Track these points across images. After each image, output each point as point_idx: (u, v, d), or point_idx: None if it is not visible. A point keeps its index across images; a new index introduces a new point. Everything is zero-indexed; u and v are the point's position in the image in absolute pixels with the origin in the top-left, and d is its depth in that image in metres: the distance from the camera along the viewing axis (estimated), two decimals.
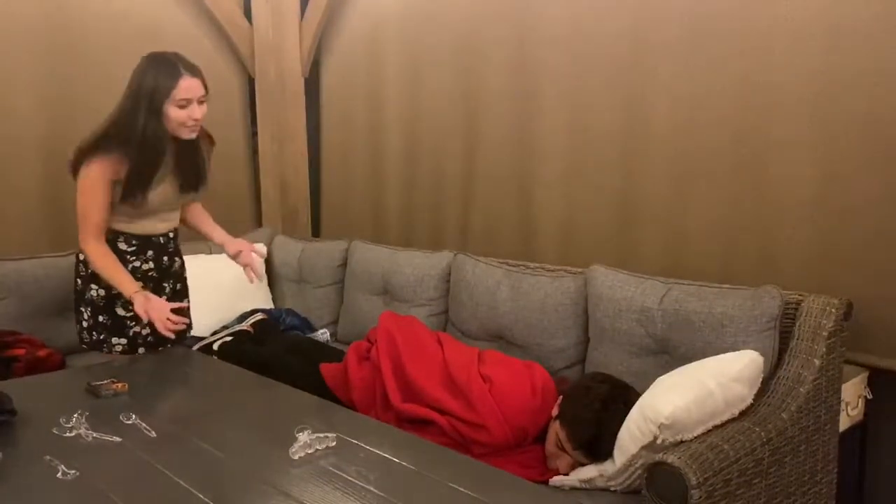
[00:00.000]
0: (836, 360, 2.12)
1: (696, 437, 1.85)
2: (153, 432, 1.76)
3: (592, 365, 2.47)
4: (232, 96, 3.93)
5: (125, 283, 2.29)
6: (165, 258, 2.50)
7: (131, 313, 2.35)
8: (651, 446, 1.85)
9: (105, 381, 2.05)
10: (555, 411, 2.12)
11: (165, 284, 2.52)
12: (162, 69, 2.25)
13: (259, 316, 3.25)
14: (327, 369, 2.52)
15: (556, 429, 2.08)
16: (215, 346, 3.00)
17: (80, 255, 2.42)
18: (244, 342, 3.01)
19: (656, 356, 2.31)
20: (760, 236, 2.43)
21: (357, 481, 1.51)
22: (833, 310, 2.10)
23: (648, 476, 1.73)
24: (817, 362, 2.06)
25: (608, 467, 1.97)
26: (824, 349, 2.07)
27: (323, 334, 3.33)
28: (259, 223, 4.06)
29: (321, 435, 1.66)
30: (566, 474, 2.04)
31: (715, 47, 2.46)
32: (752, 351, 2.02)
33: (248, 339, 3.07)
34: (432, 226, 3.45)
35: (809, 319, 2.11)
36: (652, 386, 2.00)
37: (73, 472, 1.54)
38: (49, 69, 3.29)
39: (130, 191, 2.30)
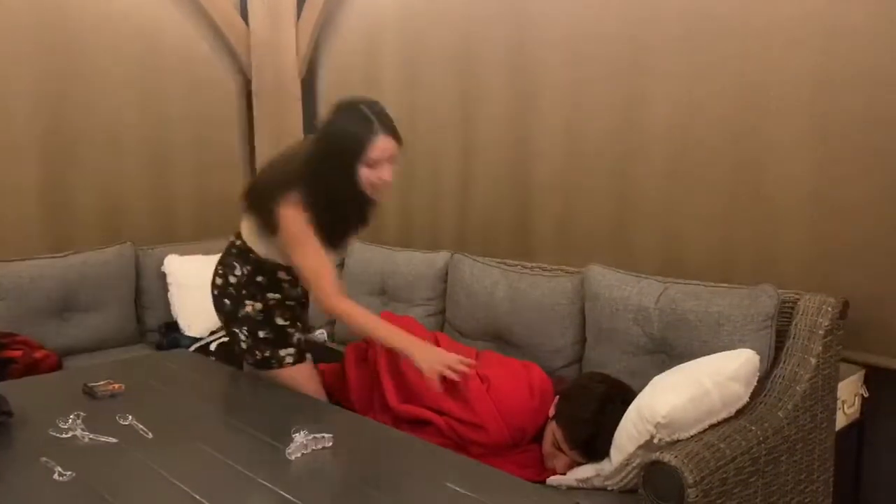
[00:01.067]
0: (833, 358, 2.12)
1: (692, 436, 1.85)
2: (150, 433, 1.76)
3: (590, 364, 2.48)
4: (228, 97, 3.93)
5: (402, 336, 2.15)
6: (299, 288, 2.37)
7: (289, 321, 2.31)
8: (648, 445, 1.85)
9: (101, 383, 2.05)
10: (551, 411, 2.12)
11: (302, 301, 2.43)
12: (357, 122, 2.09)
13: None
14: (325, 370, 2.52)
15: (552, 429, 2.08)
16: (212, 347, 3.00)
17: (231, 277, 2.29)
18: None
19: (653, 355, 2.31)
20: (757, 235, 2.43)
21: (353, 481, 1.51)
22: (829, 308, 2.10)
23: (645, 475, 1.73)
24: (814, 361, 2.06)
25: (605, 467, 1.97)
26: (821, 348, 2.07)
27: (320, 335, 3.33)
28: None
29: (317, 435, 1.66)
30: (563, 474, 2.05)
31: (712, 47, 2.46)
32: (747, 350, 2.03)
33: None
34: (430, 226, 3.45)
35: (806, 318, 2.11)
36: (648, 385, 2.00)
37: (70, 473, 1.54)
38: (46, 69, 3.29)
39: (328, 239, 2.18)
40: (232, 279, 2.29)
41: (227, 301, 2.31)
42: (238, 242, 2.31)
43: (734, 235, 2.48)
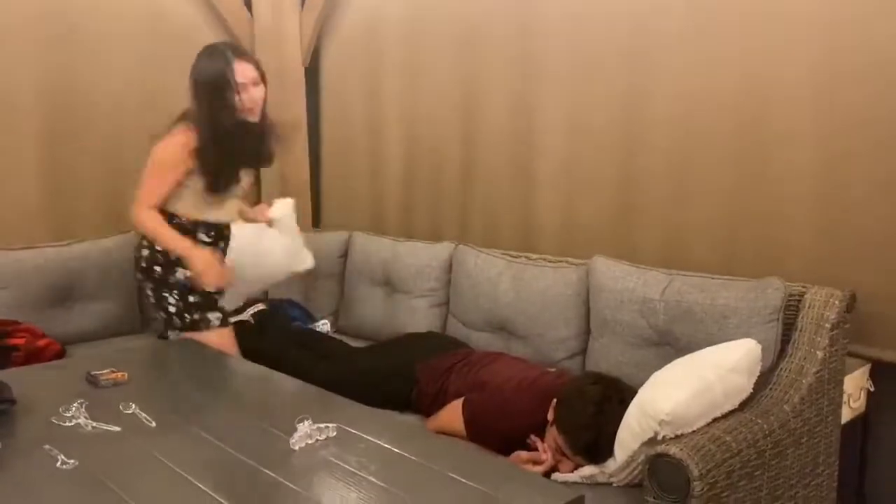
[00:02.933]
0: (839, 352, 2.11)
1: (696, 430, 1.84)
2: (153, 422, 1.75)
3: (593, 356, 2.47)
4: None
5: (178, 240, 2.48)
6: (222, 243, 2.67)
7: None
8: (652, 442, 1.84)
9: (104, 371, 2.05)
10: (551, 415, 2.10)
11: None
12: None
13: (260, 306, 3.25)
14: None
15: (553, 435, 2.06)
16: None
17: (145, 241, 2.55)
18: (245, 332, 3.00)
19: (658, 348, 2.30)
20: (762, 228, 2.42)
21: (357, 471, 1.51)
22: (836, 302, 2.09)
23: (650, 468, 1.73)
24: (820, 354, 2.05)
25: (610, 464, 1.96)
26: (827, 341, 2.06)
27: (323, 325, 3.32)
28: None
29: (322, 425, 1.65)
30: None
31: (716, 39, 2.44)
32: (749, 339, 2.01)
33: (250, 329, 3.06)
34: (433, 217, 3.43)
35: (813, 311, 2.10)
36: (650, 380, 1.99)
37: (73, 461, 1.53)
38: (48, 57, 3.27)
39: (216, 181, 2.48)
40: (158, 246, 2.51)
41: (157, 268, 2.52)
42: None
43: (739, 227, 2.46)
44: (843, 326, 2.10)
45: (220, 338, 2.54)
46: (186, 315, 2.52)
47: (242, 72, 2.39)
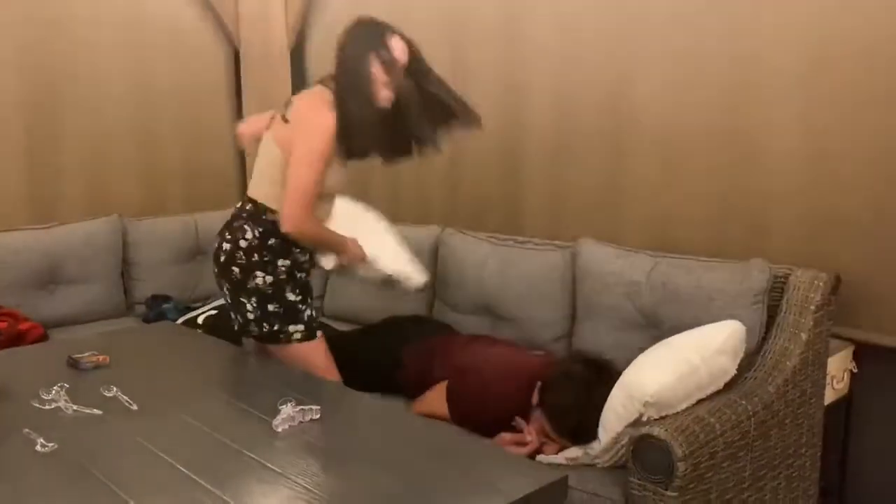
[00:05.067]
0: (823, 334, 2.12)
1: (680, 411, 1.84)
2: (134, 405, 1.74)
3: (580, 338, 2.47)
4: (216, 68, 3.86)
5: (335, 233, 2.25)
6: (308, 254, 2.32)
7: (300, 296, 2.22)
8: (636, 424, 1.84)
9: (86, 354, 2.03)
10: (535, 398, 2.10)
11: (310, 271, 2.35)
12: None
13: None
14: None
15: (538, 417, 2.06)
16: (200, 320, 2.97)
17: (241, 241, 2.18)
18: (229, 316, 2.98)
19: (644, 330, 2.30)
20: (748, 210, 2.42)
21: (341, 453, 1.50)
22: (821, 284, 2.09)
23: (634, 449, 1.73)
24: (804, 336, 2.06)
25: (594, 446, 1.96)
26: (811, 323, 2.07)
27: None
28: (244, 199, 4.01)
29: (305, 407, 1.64)
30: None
31: (703, 23, 2.43)
32: (733, 321, 2.01)
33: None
34: (419, 200, 3.42)
35: (797, 293, 2.10)
36: (634, 362, 1.99)
37: (52, 444, 1.52)
38: (29, 39, 3.22)
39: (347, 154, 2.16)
40: (242, 243, 2.17)
41: (235, 269, 2.19)
42: (248, 206, 2.23)
43: (725, 209, 2.46)
44: (828, 308, 2.11)
45: (303, 351, 2.20)
46: (265, 324, 2.19)
47: (400, 48, 2.13)
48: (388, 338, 2.63)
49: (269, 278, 2.17)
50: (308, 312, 2.25)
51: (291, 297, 2.20)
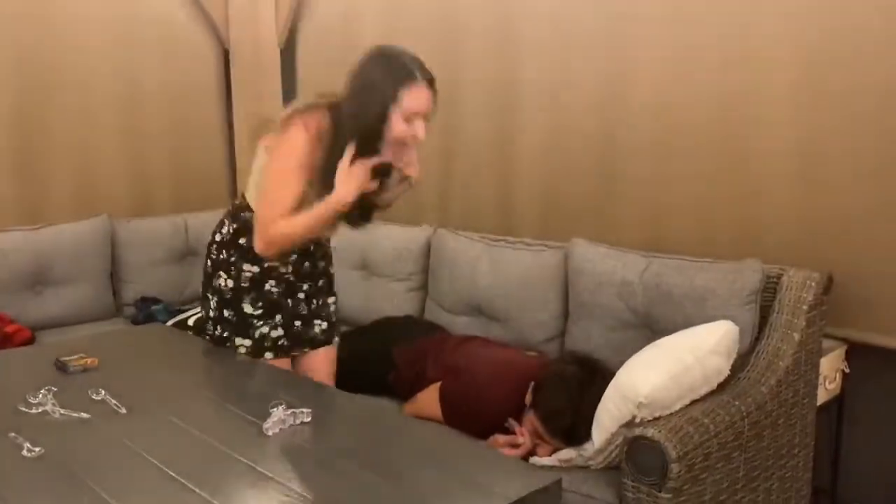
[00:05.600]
0: (816, 333, 2.12)
1: (674, 412, 1.84)
2: (123, 408, 1.71)
3: (572, 338, 2.46)
4: (206, 67, 3.83)
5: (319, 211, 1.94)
6: (307, 264, 2.16)
7: (259, 311, 2.09)
8: (630, 425, 1.84)
9: (74, 357, 2.00)
10: (528, 399, 2.09)
11: (301, 284, 2.17)
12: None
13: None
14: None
15: (531, 419, 2.05)
16: (190, 322, 2.95)
17: (217, 234, 2.13)
18: None
19: (637, 330, 2.29)
20: (741, 210, 2.42)
21: (332, 456, 1.48)
22: (813, 284, 2.09)
23: (628, 450, 1.72)
24: (797, 336, 2.06)
25: (587, 447, 1.96)
26: (804, 323, 2.07)
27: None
28: (234, 198, 3.99)
29: (296, 410, 1.62)
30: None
31: (696, 22, 2.43)
32: (726, 321, 2.01)
33: None
34: (411, 200, 3.37)
35: (790, 293, 2.10)
36: (627, 362, 1.98)
37: (39, 449, 1.49)
38: (19, 38, 3.19)
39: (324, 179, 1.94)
40: (217, 237, 2.13)
41: (208, 262, 2.15)
42: (237, 201, 2.16)
43: (718, 209, 2.46)
44: (820, 308, 2.11)
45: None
46: (218, 327, 2.13)
47: (421, 96, 1.93)
48: (379, 339, 2.62)
49: (230, 282, 2.09)
50: (263, 331, 2.11)
51: (248, 308, 2.09)
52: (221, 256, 2.11)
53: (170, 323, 2.97)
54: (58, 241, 3.12)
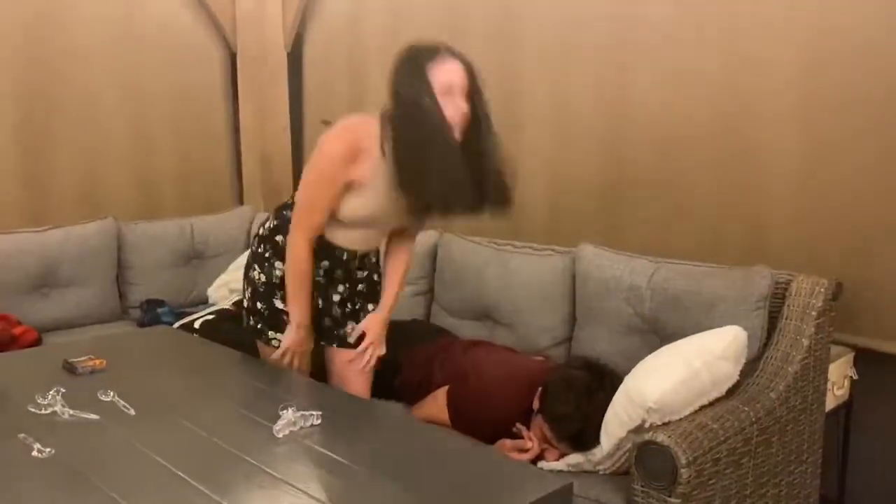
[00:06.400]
0: (824, 340, 2.11)
1: (683, 417, 1.83)
2: (132, 410, 1.71)
3: (579, 344, 2.45)
4: (213, 70, 3.85)
5: (297, 310, 2.01)
6: (339, 271, 2.11)
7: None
8: (639, 430, 1.83)
9: (83, 358, 2.00)
10: (536, 404, 2.08)
11: (337, 287, 2.13)
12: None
13: (241, 295, 3.20)
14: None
15: (539, 423, 2.04)
16: (196, 325, 2.95)
17: (261, 228, 2.14)
18: (226, 321, 2.96)
19: (644, 335, 2.29)
20: (748, 215, 2.42)
21: (342, 459, 1.48)
22: (822, 290, 2.09)
23: (637, 455, 1.71)
24: (806, 342, 2.05)
25: (596, 452, 1.95)
26: (813, 329, 2.06)
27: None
28: (240, 201, 3.99)
29: (306, 413, 1.62)
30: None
31: (701, 25, 2.43)
32: (735, 326, 2.00)
33: (230, 317, 3.02)
34: None
35: (799, 299, 2.09)
36: (636, 367, 1.98)
37: (49, 450, 1.49)
38: (23, 40, 3.20)
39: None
40: (260, 230, 2.14)
41: (249, 252, 2.17)
42: (289, 200, 2.12)
43: (725, 214, 2.46)
44: (829, 314, 2.10)
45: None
46: (252, 318, 2.13)
47: (451, 69, 1.86)
48: (386, 343, 2.61)
49: (263, 277, 2.10)
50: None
51: (279, 304, 2.10)
52: (259, 250, 2.12)
53: (176, 325, 2.97)
54: (64, 244, 3.13)
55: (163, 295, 3.30)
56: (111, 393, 1.78)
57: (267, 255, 2.11)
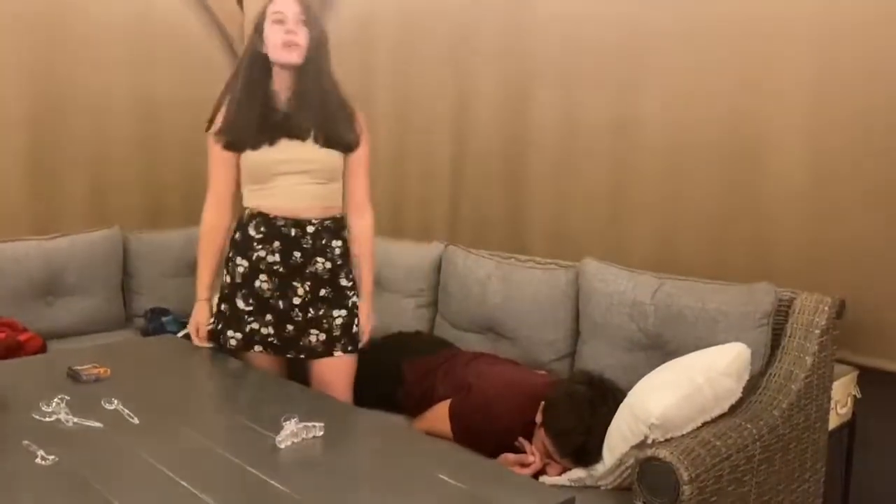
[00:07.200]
0: (828, 358, 2.11)
1: (686, 434, 1.83)
2: (136, 418, 1.72)
3: (582, 358, 2.45)
4: (220, 79, 3.84)
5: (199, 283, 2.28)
6: (297, 254, 2.14)
7: (250, 307, 2.16)
8: (641, 446, 1.83)
9: (87, 366, 2.01)
10: (539, 418, 2.08)
11: (296, 285, 2.16)
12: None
13: None
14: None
15: (542, 438, 2.04)
16: None
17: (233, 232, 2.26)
18: None
19: (648, 351, 2.29)
20: (752, 232, 2.42)
21: (344, 471, 1.48)
22: (826, 308, 2.09)
23: (640, 471, 1.71)
24: (809, 360, 2.05)
25: (598, 468, 1.95)
26: (816, 347, 2.06)
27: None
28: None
29: (308, 423, 1.63)
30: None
31: (708, 42, 2.44)
32: (738, 343, 2.00)
33: None
34: (422, 217, 3.41)
35: (802, 317, 2.10)
36: (639, 383, 1.98)
37: (53, 457, 1.50)
38: (34, 47, 3.22)
39: (234, 139, 2.21)
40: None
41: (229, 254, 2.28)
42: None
43: (729, 231, 2.46)
44: (833, 332, 2.10)
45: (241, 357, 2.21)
46: (214, 320, 2.24)
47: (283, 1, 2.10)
48: (388, 355, 2.61)
49: (227, 278, 2.20)
50: (254, 326, 2.17)
51: (241, 304, 2.17)
52: (228, 255, 2.23)
53: (180, 334, 2.97)
54: (70, 251, 3.14)
55: (167, 304, 3.31)
56: (115, 401, 1.79)
57: (230, 254, 2.21)
